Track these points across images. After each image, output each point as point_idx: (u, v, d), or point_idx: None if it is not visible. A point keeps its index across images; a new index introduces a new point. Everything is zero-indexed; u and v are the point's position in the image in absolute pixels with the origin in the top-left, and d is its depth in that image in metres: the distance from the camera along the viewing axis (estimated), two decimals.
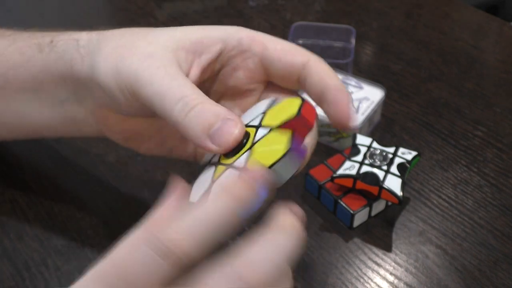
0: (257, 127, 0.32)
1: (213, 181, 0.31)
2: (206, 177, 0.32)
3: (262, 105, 0.36)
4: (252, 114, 0.35)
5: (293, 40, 0.67)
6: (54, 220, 0.46)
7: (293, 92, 0.39)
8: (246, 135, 0.32)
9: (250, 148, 0.31)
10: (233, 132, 0.31)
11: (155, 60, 0.34)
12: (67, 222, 0.46)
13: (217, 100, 0.40)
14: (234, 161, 0.31)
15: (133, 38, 0.36)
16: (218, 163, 0.32)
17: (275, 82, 0.38)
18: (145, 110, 0.35)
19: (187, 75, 0.35)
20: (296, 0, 0.79)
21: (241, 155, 0.31)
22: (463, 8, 0.78)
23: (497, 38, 0.73)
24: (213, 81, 0.39)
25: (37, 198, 0.48)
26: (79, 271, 0.42)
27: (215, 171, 0.32)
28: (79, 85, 0.38)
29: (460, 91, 0.62)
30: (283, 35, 0.70)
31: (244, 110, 0.39)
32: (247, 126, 0.33)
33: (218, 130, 0.31)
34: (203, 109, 0.32)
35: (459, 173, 0.52)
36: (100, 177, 0.50)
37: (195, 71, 0.36)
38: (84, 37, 0.38)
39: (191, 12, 0.76)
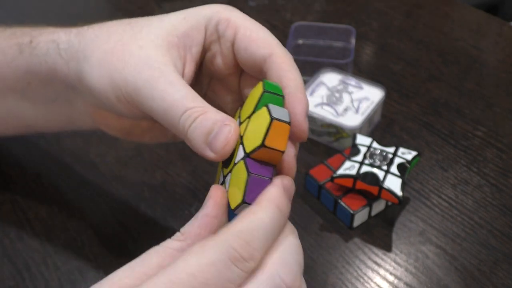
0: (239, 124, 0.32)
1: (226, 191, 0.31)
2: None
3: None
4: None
5: (293, 40, 0.67)
6: (54, 220, 0.46)
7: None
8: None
9: (241, 143, 0.31)
10: (228, 137, 0.31)
11: (152, 69, 0.33)
12: (67, 222, 0.46)
13: (207, 84, 0.39)
14: (232, 166, 0.31)
15: (121, 40, 0.35)
16: (223, 178, 0.33)
17: (245, 70, 0.37)
18: (145, 115, 0.34)
19: (183, 72, 0.35)
20: (296, 0, 0.79)
21: (236, 154, 0.31)
22: (463, 8, 0.78)
23: (497, 38, 0.73)
24: (200, 68, 0.38)
25: (37, 198, 0.48)
26: (79, 271, 0.42)
27: (223, 184, 0.32)
28: (67, 87, 0.38)
29: (460, 91, 0.62)
30: (283, 35, 0.70)
31: (232, 92, 0.38)
32: None
33: (215, 137, 0.31)
34: (204, 119, 0.31)
35: (459, 173, 0.52)
36: (100, 177, 0.50)
37: (190, 67, 0.35)
38: (63, 38, 0.37)
39: None
